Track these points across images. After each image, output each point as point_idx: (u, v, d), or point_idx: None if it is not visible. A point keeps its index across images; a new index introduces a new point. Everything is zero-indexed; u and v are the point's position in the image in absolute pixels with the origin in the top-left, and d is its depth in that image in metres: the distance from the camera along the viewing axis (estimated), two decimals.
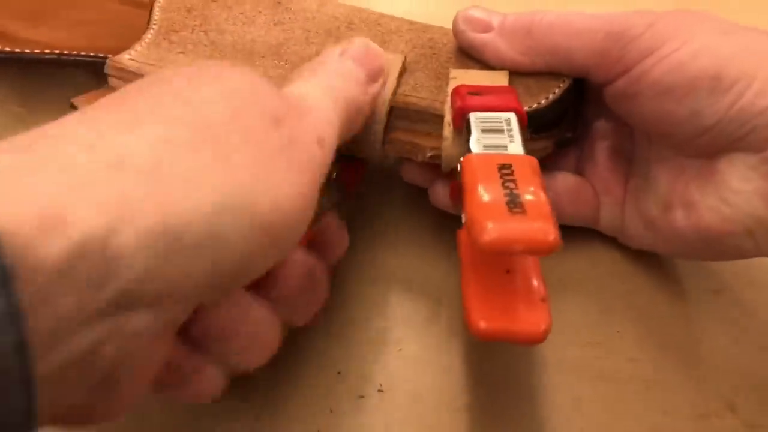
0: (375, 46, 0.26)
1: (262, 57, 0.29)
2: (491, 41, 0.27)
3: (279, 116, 0.19)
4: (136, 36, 0.30)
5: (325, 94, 0.22)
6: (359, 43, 0.25)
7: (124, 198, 0.15)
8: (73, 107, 0.28)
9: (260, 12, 0.31)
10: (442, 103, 0.27)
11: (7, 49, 0.32)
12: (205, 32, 0.30)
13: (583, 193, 0.30)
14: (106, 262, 0.14)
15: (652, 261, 0.30)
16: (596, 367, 0.26)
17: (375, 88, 0.25)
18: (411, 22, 0.31)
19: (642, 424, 0.25)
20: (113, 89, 0.28)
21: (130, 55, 0.29)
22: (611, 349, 0.27)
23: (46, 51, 0.32)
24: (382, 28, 0.30)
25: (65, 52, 0.32)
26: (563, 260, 0.30)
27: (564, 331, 0.27)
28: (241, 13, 0.31)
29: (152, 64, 0.28)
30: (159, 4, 0.31)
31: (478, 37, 0.28)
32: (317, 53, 0.28)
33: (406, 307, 0.28)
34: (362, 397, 0.26)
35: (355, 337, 0.27)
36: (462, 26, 0.28)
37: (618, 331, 0.28)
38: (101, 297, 0.14)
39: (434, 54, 0.29)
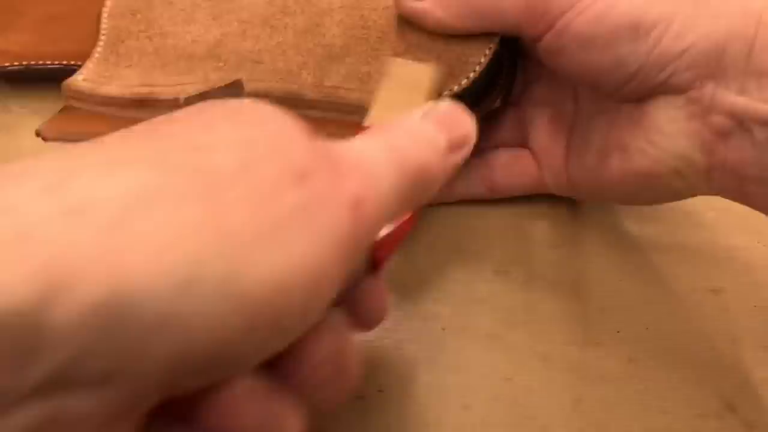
0: (463, 111, 0.22)
1: (201, 60, 0.30)
2: (430, 9, 0.27)
3: (304, 172, 0.16)
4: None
5: (386, 155, 0.18)
6: (445, 106, 0.22)
7: (70, 257, 0.12)
8: (39, 136, 0.28)
9: (199, 5, 0.31)
10: (371, 93, 0.27)
11: None
12: (149, 38, 0.30)
13: (520, 164, 0.31)
14: (36, 337, 0.12)
15: (652, 261, 0.30)
16: (596, 367, 0.26)
17: (455, 158, 0.21)
18: None
19: (642, 424, 0.25)
20: (75, 111, 0.30)
21: (82, 74, 0.30)
22: (611, 349, 0.27)
23: (15, 64, 0.33)
24: (315, 9, 0.30)
25: (32, 63, 0.33)
26: (563, 260, 0.30)
27: (564, 331, 0.27)
28: (182, 9, 0.31)
29: (103, 83, 0.29)
30: (106, 10, 0.31)
31: (417, 6, 0.28)
32: (254, 47, 0.29)
33: (405, 307, 0.28)
34: (362, 397, 0.26)
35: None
36: None
37: (618, 331, 0.28)
38: (29, 376, 0.12)
39: (365, 35, 0.30)
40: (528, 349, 0.27)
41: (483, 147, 0.31)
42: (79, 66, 0.31)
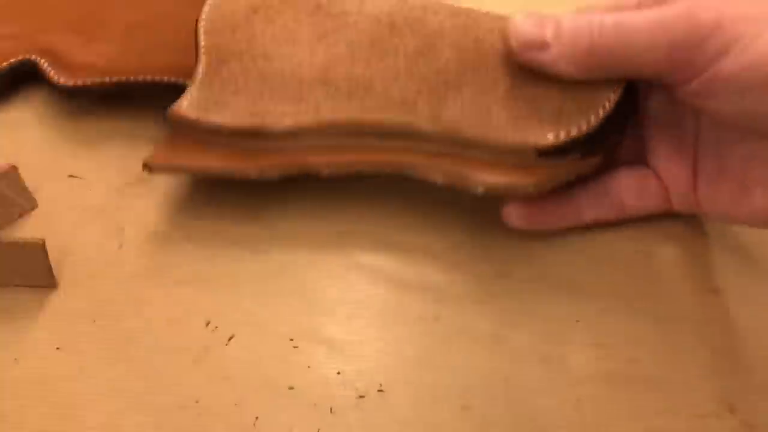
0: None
1: (310, 86, 0.28)
2: (550, 62, 0.26)
3: None
4: (191, 41, 0.30)
5: None
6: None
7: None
8: (146, 168, 0.28)
9: (301, 23, 0.30)
10: (497, 129, 0.26)
11: (70, 83, 0.33)
12: (253, 59, 0.29)
13: (647, 186, 0.29)
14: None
15: (652, 261, 0.30)
16: (596, 367, 0.26)
17: None
18: (453, 14, 0.29)
19: (642, 424, 0.25)
20: (181, 139, 0.29)
21: (186, 100, 0.29)
22: (611, 349, 0.27)
23: (106, 80, 0.33)
24: (425, 29, 0.29)
25: (123, 79, 0.33)
26: (563, 261, 0.30)
27: (564, 331, 0.27)
28: (284, 27, 0.30)
29: (209, 110, 0.28)
30: (202, 26, 0.30)
31: (535, 58, 0.26)
32: (365, 72, 0.28)
33: (405, 308, 0.28)
34: (362, 397, 0.26)
35: (355, 336, 0.27)
36: (516, 48, 0.27)
37: (618, 331, 0.28)
38: None
39: (481, 61, 0.28)
40: (528, 350, 0.27)
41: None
42: (170, 82, 0.31)
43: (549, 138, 0.26)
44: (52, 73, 0.34)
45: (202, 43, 0.30)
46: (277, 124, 0.28)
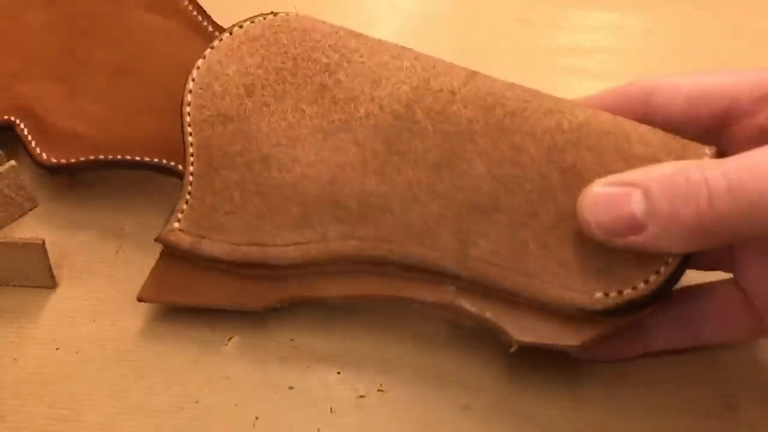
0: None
1: (316, 206, 0.25)
2: (646, 244, 0.20)
3: None
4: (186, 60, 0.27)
5: None
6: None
7: None
8: (141, 301, 0.27)
9: (304, 114, 0.25)
10: (534, 277, 0.22)
11: (53, 161, 0.30)
12: (249, 166, 0.25)
13: (733, 311, 0.24)
14: None
15: None
16: (596, 367, 0.26)
17: None
18: (486, 108, 0.24)
19: (642, 424, 0.25)
20: (175, 262, 0.27)
21: (178, 222, 0.26)
22: None
23: (90, 158, 0.30)
24: (451, 128, 0.24)
25: (109, 158, 0.30)
26: None
27: None
28: (283, 118, 0.26)
29: (203, 237, 0.26)
30: (188, 114, 0.27)
31: (627, 243, 0.20)
32: (378, 188, 0.24)
33: (406, 307, 0.28)
34: (362, 397, 0.26)
35: (355, 337, 0.27)
36: (601, 235, 0.21)
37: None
38: None
39: (518, 180, 0.23)
40: (528, 349, 0.27)
41: None
42: (159, 165, 0.28)
43: (597, 299, 0.22)
44: (33, 145, 0.30)
45: (189, 138, 0.26)
46: (281, 257, 0.25)
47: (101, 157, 0.30)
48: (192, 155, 0.26)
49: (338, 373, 0.26)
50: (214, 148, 0.26)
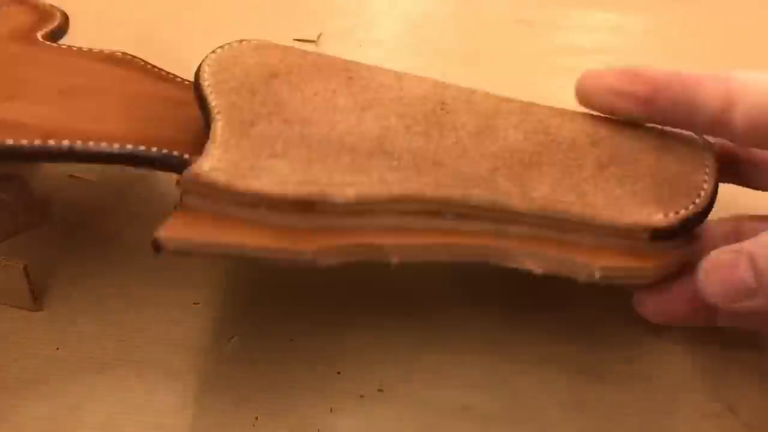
0: None
1: (368, 156, 0.23)
2: (758, 307, 0.22)
3: None
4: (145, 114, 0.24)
5: None
6: None
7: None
8: (157, 248, 0.20)
9: (335, 92, 0.25)
10: (602, 208, 0.24)
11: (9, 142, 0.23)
12: (287, 122, 0.23)
13: None
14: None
15: None
16: (596, 367, 0.26)
17: None
18: (503, 99, 0.26)
19: (642, 424, 0.25)
20: (195, 211, 0.21)
21: (209, 162, 0.21)
22: (611, 349, 0.27)
23: (50, 143, 0.24)
24: (479, 109, 0.26)
25: (78, 143, 0.24)
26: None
27: (564, 331, 0.27)
28: (315, 94, 0.25)
29: (246, 176, 0.21)
30: (208, 85, 0.24)
31: (740, 306, 0.22)
32: (427, 145, 0.24)
33: (406, 307, 0.28)
34: (362, 397, 0.26)
35: (355, 337, 0.27)
36: (722, 303, 0.22)
37: (618, 332, 0.27)
38: None
39: (554, 142, 0.25)
40: (528, 349, 0.27)
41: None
42: (128, 151, 0.24)
43: (660, 218, 0.24)
44: None
45: (213, 105, 0.24)
46: (338, 195, 0.21)
47: (66, 143, 0.24)
48: (219, 113, 0.24)
49: (338, 373, 0.26)
50: (244, 108, 0.24)
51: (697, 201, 0.24)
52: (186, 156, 0.24)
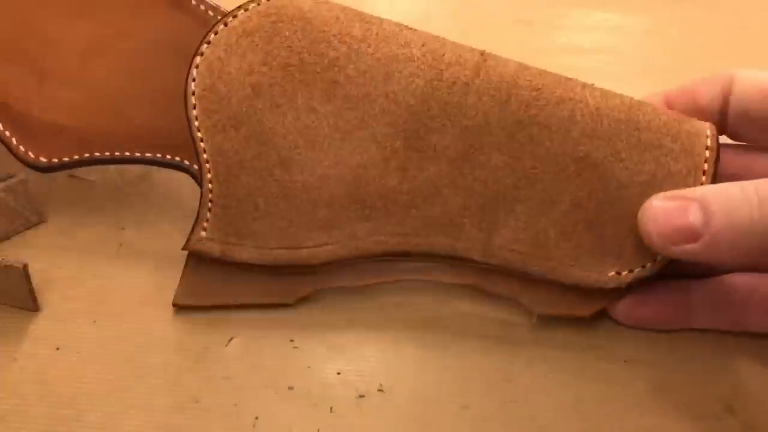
0: None
1: (342, 207, 0.25)
2: (701, 253, 0.22)
3: None
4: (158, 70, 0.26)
5: None
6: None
7: None
8: (176, 307, 0.27)
9: (317, 111, 0.25)
10: (555, 261, 0.24)
11: (43, 161, 0.29)
12: (269, 170, 0.25)
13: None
14: None
15: None
16: (596, 367, 0.26)
17: None
18: (502, 101, 0.24)
19: (642, 424, 0.25)
20: (202, 269, 0.27)
21: (205, 231, 0.26)
22: (611, 349, 0.27)
23: (84, 157, 0.28)
24: (468, 121, 0.24)
25: (106, 154, 0.28)
26: None
27: (564, 331, 0.27)
28: (297, 119, 0.25)
29: (233, 243, 0.26)
30: (195, 118, 0.26)
31: (683, 251, 0.22)
32: (401, 185, 0.24)
33: (406, 307, 0.28)
34: (362, 397, 0.26)
35: (355, 337, 0.27)
36: (659, 243, 0.23)
37: (618, 332, 0.27)
38: None
39: (536, 171, 0.24)
40: (528, 349, 0.27)
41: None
42: (155, 160, 0.28)
43: (611, 277, 0.24)
44: (15, 144, 0.29)
45: (201, 144, 0.26)
46: (312, 258, 0.26)
47: (96, 154, 0.28)
48: (207, 162, 0.26)
49: (338, 373, 0.26)
50: (230, 153, 0.25)
51: (658, 259, 0.24)
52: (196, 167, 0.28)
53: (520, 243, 0.24)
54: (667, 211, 0.22)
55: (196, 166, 0.27)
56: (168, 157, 0.28)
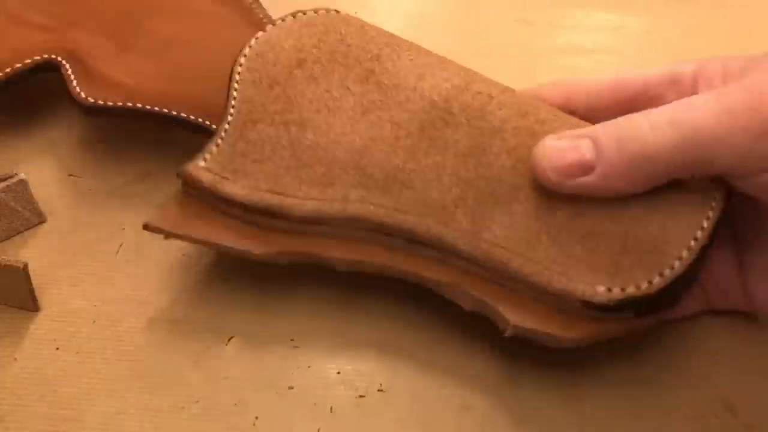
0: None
1: (342, 170, 0.25)
2: (597, 184, 0.22)
3: None
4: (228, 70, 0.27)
5: None
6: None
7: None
8: (147, 229, 0.26)
9: (348, 89, 0.26)
10: (542, 266, 0.23)
11: (90, 101, 0.31)
12: (286, 125, 0.26)
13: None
14: None
15: None
16: (597, 367, 0.26)
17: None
18: (521, 113, 0.25)
19: (642, 424, 0.25)
20: (191, 200, 0.26)
21: (205, 160, 0.26)
22: (611, 349, 0.27)
23: (128, 105, 0.31)
24: (484, 125, 0.25)
25: (147, 108, 0.31)
26: None
27: None
28: (327, 91, 0.26)
29: (226, 178, 0.26)
30: (239, 73, 0.27)
31: (579, 185, 0.22)
32: (405, 164, 0.25)
33: (406, 307, 0.28)
34: (362, 397, 0.26)
35: (354, 337, 0.27)
36: (554, 177, 0.23)
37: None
38: None
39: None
40: (528, 349, 0.27)
41: None
42: (195, 122, 0.30)
43: (599, 292, 0.23)
44: (74, 84, 0.31)
45: (234, 93, 0.27)
46: (297, 207, 0.25)
47: (138, 105, 0.31)
48: (233, 106, 0.27)
49: (338, 373, 0.26)
50: (257, 103, 0.27)
51: (655, 281, 0.22)
52: None
53: (509, 241, 0.24)
54: (559, 147, 0.23)
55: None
56: (199, 119, 0.30)
